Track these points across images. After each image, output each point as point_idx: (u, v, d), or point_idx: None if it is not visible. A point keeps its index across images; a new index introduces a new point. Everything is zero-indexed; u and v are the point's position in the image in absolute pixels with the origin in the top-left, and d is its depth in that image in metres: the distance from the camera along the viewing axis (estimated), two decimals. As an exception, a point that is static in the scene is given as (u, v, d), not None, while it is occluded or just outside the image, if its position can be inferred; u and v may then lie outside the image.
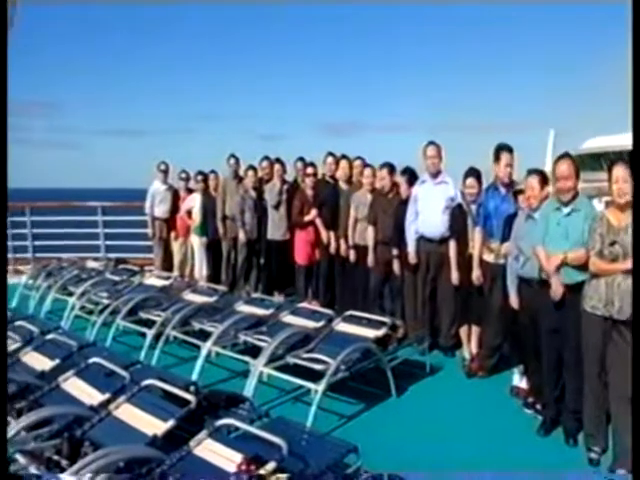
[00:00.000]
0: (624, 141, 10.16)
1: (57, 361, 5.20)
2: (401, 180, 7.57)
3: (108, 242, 12.62)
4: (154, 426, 3.89)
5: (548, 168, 12.23)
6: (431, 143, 7.24)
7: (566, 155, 5.03)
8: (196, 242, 10.06)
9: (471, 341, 6.75)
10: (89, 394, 4.51)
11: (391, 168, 7.81)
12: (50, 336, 5.75)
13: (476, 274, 6.36)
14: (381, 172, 7.86)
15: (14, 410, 4.39)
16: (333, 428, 5.24)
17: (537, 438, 5.15)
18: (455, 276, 6.71)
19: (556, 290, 4.84)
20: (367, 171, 8.14)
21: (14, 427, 3.92)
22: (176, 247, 10.44)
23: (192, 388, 4.45)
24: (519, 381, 5.91)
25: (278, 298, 8.64)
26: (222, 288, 8.36)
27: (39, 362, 5.27)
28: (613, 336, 4.45)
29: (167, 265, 10.58)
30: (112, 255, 12.08)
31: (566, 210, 4.82)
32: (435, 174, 7.20)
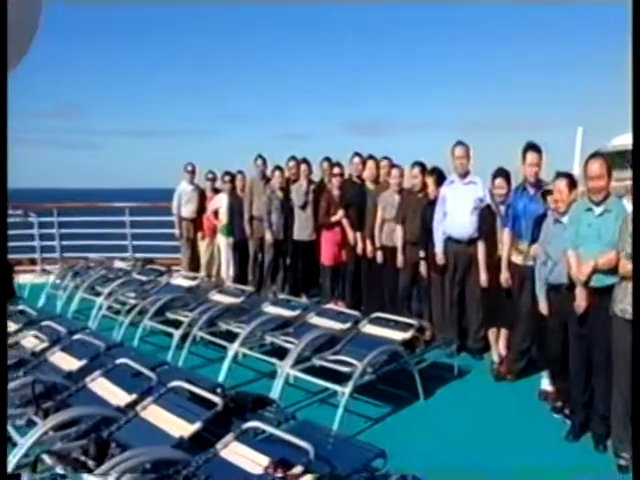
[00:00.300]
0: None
1: (84, 361, 5.24)
2: (429, 180, 7.49)
3: (135, 242, 12.67)
4: (181, 428, 3.89)
5: (577, 166, 12.04)
6: (459, 143, 7.17)
7: (598, 154, 4.95)
8: (223, 242, 10.05)
9: (499, 344, 6.66)
10: (116, 395, 4.54)
11: (423, 167, 7.75)
12: (77, 336, 5.79)
13: (504, 276, 6.28)
14: (413, 171, 7.79)
15: (41, 410, 4.42)
16: (360, 431, 5.21)
17: (566, 443, 5.09)
18: (484, 278, 6.62)
19: (579, 304, 4.79)
20: (395, 171, 8.10)
21: (41, 427, 3.94)
22: (203, 247, 10.46)
23: (219, 390, 4.44)
24: (548, 385, 5.84)
25: (304, 299, 8.59)
26: (249, 289, 8.38)
27: (66, 362, 5.31)
28: (643, 340, 4.36)
29: (194, 265, 10.60)
30: (139, 255, 12.14)
31: (598, 211, 4.75)
32: (463, 174, 7.15)
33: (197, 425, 3.87)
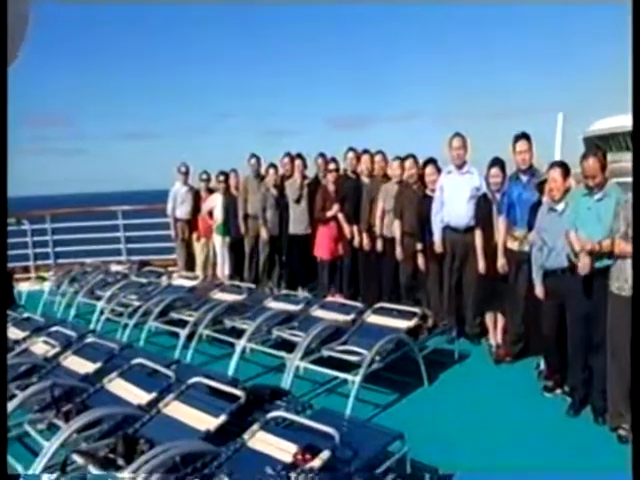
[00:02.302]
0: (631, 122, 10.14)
1: (99, 364, 5.31)
2: (431, 170, 7.57)
3: (129, 245, 12.69)
4: (205, 422, 4.00)
5: (558, 151, 12.14)
6: (457, 135, 7.30)
7: (593, 152, 5.06)
8: (218, 242, 10.07)
9: (497, 328, 6.81)
10: (135, 394, 4.63)
11: (415, 159, 7.87)
12: (89, 339, 5.86)
13: (501, 262, 6.43)
14: (406, 163, 7.89)
15: (61, 413, 4.50)
16: (369, 417, 5.30)
17: (565, 418, 5.26)
18: (482, 265, 6.72)
19: (584, 264, 4.83)
20: (395, 163, 8.16)
21: (67, 429, 4.02)
22: (198, 248, 10.48)
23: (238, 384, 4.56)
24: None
25: (302, 294, 8.66)
26: (250, 285, 8.45)
27: (81, 365, 5.38)
28: (640, 315, 4.50)
29: (189, 266, 10.63)
30: (133, 258, 12.14)
31: (597, 196, 4.90)
32: (460, 165, 7.26)
33: (222, 418, 3.98)
